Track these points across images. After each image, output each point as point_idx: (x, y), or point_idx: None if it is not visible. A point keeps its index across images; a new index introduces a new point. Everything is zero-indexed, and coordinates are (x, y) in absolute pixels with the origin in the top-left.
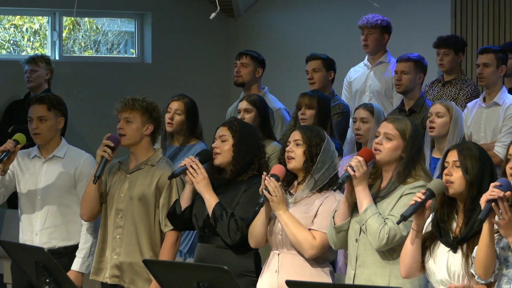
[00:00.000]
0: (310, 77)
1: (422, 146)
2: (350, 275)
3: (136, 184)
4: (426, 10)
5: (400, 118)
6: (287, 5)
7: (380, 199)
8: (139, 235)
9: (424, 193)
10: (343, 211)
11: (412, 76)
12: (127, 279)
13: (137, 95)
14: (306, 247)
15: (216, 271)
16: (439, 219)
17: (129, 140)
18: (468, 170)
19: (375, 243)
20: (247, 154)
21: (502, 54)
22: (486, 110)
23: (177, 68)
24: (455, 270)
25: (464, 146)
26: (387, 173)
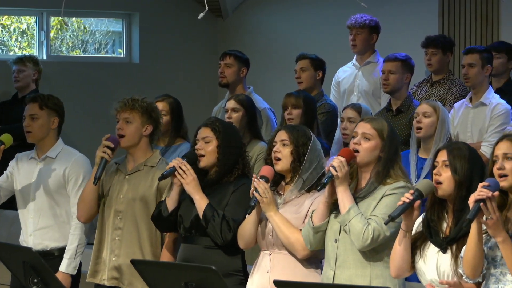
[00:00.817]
0: (298, 76)
1: (399, 145)
2: (329, 276)
3: (137, 186)
4: (414, 10)
5: (376, 118)
6: (275, 5)
7: (360, 200)
8: (140, 236)
9: (413, 193)
10: (322, 212)
11: (399, 76)
12: (126, 281)
13: (136, 95)
14: (299, 248)
15: (204, 271)
16: (429, 220)
17: (128, 141)
18: (457, 170)
19: (358, 244)
20: (232, 154)
21: (487, 54)
22: (473, 110)
23: (165, 68)
24: (444, 270)
25: (454, 146)
26: (365, 173)
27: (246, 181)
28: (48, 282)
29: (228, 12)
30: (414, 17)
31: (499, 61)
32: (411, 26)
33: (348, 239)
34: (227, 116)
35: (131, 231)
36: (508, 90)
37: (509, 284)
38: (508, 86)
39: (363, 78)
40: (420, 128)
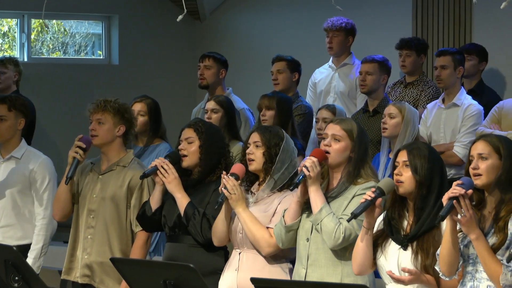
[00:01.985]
0: (274, 78)
1: (368, 145)
2: (301, 274)
3: (108, 185)
4: (388, 13)
5: (345, 119)
6: (252, 7)
7: (331, 199)
8: (110, 235)
9: (374, 191)
10: (294, 211)
11: (376, 77)
12: (97, 278)
13: (109, 97)
14: (263, 245)
15: (182, 269)
16: (390, 218)
17: (100, 140)
18: (418, 170)
19: (330, 242)
20: (214, 154)
21: (459, 56)
22: (446, 111)
23: (144, 69)
24: (405, 266)
25: (414, 146)
26: (336, 173)
27: None
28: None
29: (206, 15)
30: (388, 20)
31: (470, 63)
32: (386, 28)
33: (319, 238)
34: (207, 117)
35: (102, 230)
36: (480, 91)
37: (484, 281)
38: (479, 87)
39: (339, 80)
40: (385, 129)
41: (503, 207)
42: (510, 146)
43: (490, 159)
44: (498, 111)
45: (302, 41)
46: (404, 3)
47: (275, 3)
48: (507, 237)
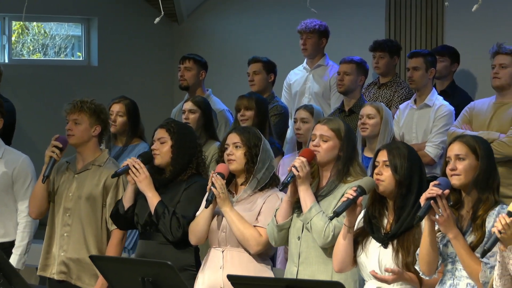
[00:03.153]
0: (251, 79)
1: (356, 143)
2: (293, 272)
3: (84, 184)
4: (362, 15)
5: (332, 119)
6: (229, 10)
7: (322, 198)
8: (85, 233)
9: (356, 190)
10: (285, 210)
11: (353, 78)
12: (74, 275)
13: (85, 97)
14: (253, 243)
15: (160, 266)
16: (371, 216)
17: (77, 139)
18: (397, 169)
19: (320, 241)
20: (185, 154)
21: (431, 58)
22: (417, 111)
23: (123, 71)
24: (386, 264)
25: (394, 146)
26: (326, 172)
27: (198, 180)
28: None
29: (183, 17)
30: (362, 22)
31: (442, 64)
32: (359, 30)
33: (310, 237)
34: (184, 117)
35: (78, 228)
36: (452, 92)
37: (464, 279)
38: (451, 88)
39: (314, 81)
40: (366, 128)
41: (480, 206)
42: (486, 146)
43: (468, 160)
44: (470, 112)
45: (278, 43)
46: (377, 6)
47: (251, 5)
48: (485, 235)
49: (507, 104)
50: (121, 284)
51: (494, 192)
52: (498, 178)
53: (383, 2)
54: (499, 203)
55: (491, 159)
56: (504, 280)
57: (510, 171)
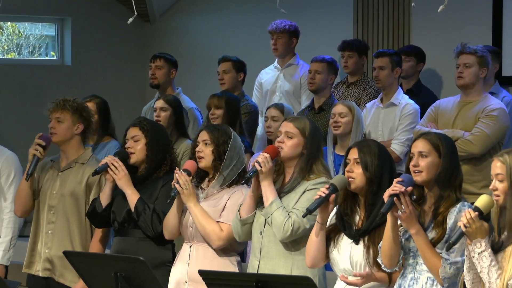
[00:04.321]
0: (220, 78)
1: (321, 142)
2: (254, 266)
3: (67, 182)
4: (330, 16)
5: (298, 117)
6: (200, 10)
7: (284, 194)
8: (70, 230)
9: (328, 188)
10: (249, 205)
11: (324, 76)
12: (58, 272)
13: (67, 96)
14: (214, 238)
15: (133, 262)
16: (343, 213)
17: (59, 137)
18: (368, 166)
19: (279, 235)
20: (160, 151)
21: (396, 57)
22: (384, 110)
23: (96, 70)
24: (357, 260)
25: (364, 144)
26: (289, 169)
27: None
28: None
29: (155, 17)
30: (330, 22)
31: (408, 64)
32: (328, 30)
33: (272, 231)
34: (156, 115)
35: (62, 225)
36: (418, 91)
37: (425, 273)
38: (417, 87)
39: (285, 80)
40: (339, 126)
41: (442, 203)
42: (449, 144)
43: (430, 157)
44: (435, 110)
45: (248, 43)
46: (345, 6)
47: (222, 6)
48: (445, 232)
49: (472, 102)
50: (94, 280)
51: (456, 190)
52: (461, 176)
53: (351, 3)
54: (461, 200)
55: (454, 157)
56: (473, 273)
57: (475, 169)
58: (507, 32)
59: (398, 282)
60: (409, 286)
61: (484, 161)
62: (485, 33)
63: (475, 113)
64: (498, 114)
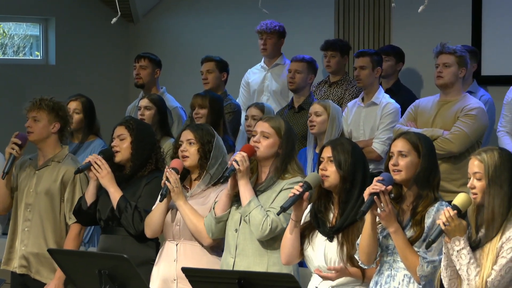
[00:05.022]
0: (204, 77)
1: (295, 142)
2: (229, 263)
3: (43, 180)
4: (312, 16)
5: (274, 117)
6: (183, 10)
7: (260, 193)
8: (44, 227)
9: (302, 186)
10: (224, 203)
11: (304, 76)
12: (34, 269)
13: (45, 95)
14: (205, 236)
15: (116, 259)
16: (317, 210)
17: (36, 136)
18: (341, 165)
19: (257, 234)
20: (145, 150)
21: (377, 57)
22: (365, 109)
23: (80, 69)
24: (331, 257)
25: (338, 142)
26: (264, 168)
27: (158, 175)
28: None
29: (139, 17)
30: (312, 22)
31: (388, 64)
32: (310, 30)
33: (247, 229)
34: (140, 114)
35: (38, 223)
36: (397, 90)
37: (401, 270)
38: (396, 87)
39: (272, 79)
40: (314, 126)
41: (420, 202)
42: (428, 144)
43: (409, 157)
44: (414, 110)
45: (231, 42)
46: (327, 7)
47: (205, 6)
48: (423, 230)
49: (451, 102)
50: (78, 277)
51: (434, 189)
52: (439, 176)
53: (332, 3)
54: (439, 200)
55: (433, 157)
56: (450, 271)
57: (454, 167)
58: (486, 32)
59: (375, 279)
60: (386, 283)
61: (463, 159)
62: (464, 33)
63: (454, 112)
64: (477, 114)
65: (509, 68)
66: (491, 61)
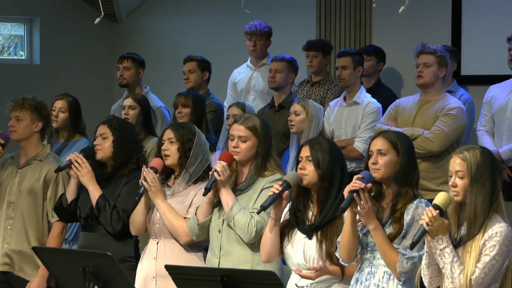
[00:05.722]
0: (186, 77)
1: (272, 139)
2: (214, 263)
3: (25, 178)
4: (294, 16)
5: (248, 117)
6: (166, 11)
7: (240, 193)
8: (27, 225)
9: (281, 184)
10: (206, 210)
11: (284, 75)
12: (17, 266)
13: (27, 95)
14: (182, 234)
15: (100, 257)
16: (296, 209)
17: (19, 135)
18: (320, 164)
19: (245, 237)
20: (126, 149)
21: (358, 57)
22: (347, 108)
23: (64, 69)
24: (310, 254)
25: (316, 141)
26: (245, 168)
27: (138, 174)
28: None
29: (122, 17)
30: (294, 23)
31: (369, 63)
32: (292, 30)
33: (231, 230)
34: (124, 113)
35: (20, 221)
36: (378, 90)
37: (381, 267)
38: (377, 86)
39: (259, 79)
40: (293, 125)
41: (400, 200)
42: (407, 143)
43: (388, 155)
44: (395, 109)
45: (213, 42)
46: (309, 7)
47: (187, 7)
48: (403, 227)
49: (431, 101)
50: (63, 274)
51: (413, 187)
52: (418, 174)
53: (314, 4)
54: (418, 197)
55: (412, 155)
56: (432, 269)
57: (434, 166)
58: (466, 32)
59: (355, 276)
60: (366, 280)
61: (442, 158)
62: (444, 33)
63: (434, 111)
64: (456, 113)
65: (488, 68)
66: (471, 61)
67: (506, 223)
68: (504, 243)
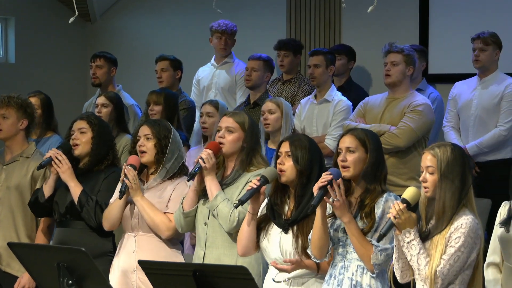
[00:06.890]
0: (159, 76)
1: (259, 136)
2: (200, 255)
3: (13, 175)
4: (265, 16)
5: (237, 112)
6: (139, 10)
7: (226, 186)
8: (15, 221)
9: (259, 179)
10: (191, 199)
11: (260, 74)
12: (4, 262)
13: (12, 93)
14: (163, 229)
15: (75, 253)
16: (273, 203)
17: (5, 133)
18: (299, 160)
19: (226, 226)
20: (105, 146)
21: (330, 56)
22: (318, 106)
23: (39, 67)
24: (286, 249)
25: (296, 138)
26: (230, 162)
27: (115, 170)
28: None
29: (96, 17)
30: (264, 22)
31: (340, 62)
32: (262, 29)
33: (216, 222)
34: (97, 111)
35: (8, 217)
36: (348, 88)
37: (355, 261)
38: (348, 84)
39: (221, 76)
40: (268, 124)
41: (368, 196)
42: (375, 140)
43: (357, 152)
44: (364, 106)
45: (185, 41)
46: (279, 7)
47: (160, 6)
48: (375, 221)
49: (398, 99)
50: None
51: (381, 183)
52: (385, 170)
53: (284, 3)
54: (386, 191)
55: (380, 152)
56: (402, 262)
57: (401, 161)
58: (433, 31)
59: (329, 272)
60: (340, 274)
61: (409, 154)
62: (412, 32)
63: (401, 108)
64: (423, 110)
65: (455, 67)
66: (438, 60)
67: (475, 217)
68: (469, 234)
